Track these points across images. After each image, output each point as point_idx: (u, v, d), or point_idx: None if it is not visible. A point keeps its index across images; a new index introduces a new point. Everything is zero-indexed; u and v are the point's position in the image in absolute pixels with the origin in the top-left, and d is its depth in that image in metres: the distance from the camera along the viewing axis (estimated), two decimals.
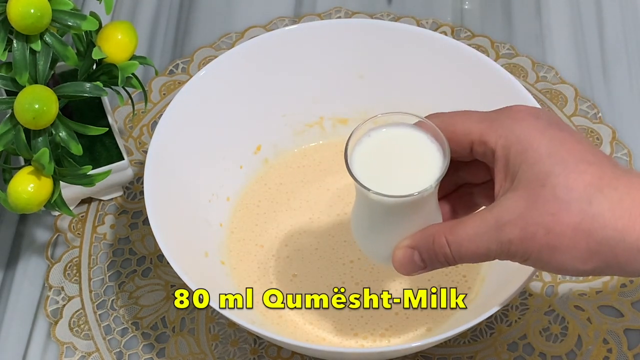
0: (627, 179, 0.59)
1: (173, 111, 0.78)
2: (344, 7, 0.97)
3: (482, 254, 0.61)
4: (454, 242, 0.62)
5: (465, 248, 0.61)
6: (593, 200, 0.58)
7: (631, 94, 0.91)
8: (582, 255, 0.59)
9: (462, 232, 0.62)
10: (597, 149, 0.61)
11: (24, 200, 0.73)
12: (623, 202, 0.59)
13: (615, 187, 0.59)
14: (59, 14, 0.72)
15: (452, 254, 0.62)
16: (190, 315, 0.78)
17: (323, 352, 0.71)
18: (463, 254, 0.62)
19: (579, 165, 0.59)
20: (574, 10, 0.97)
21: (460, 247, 0.62)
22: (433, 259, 0.63)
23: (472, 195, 0.68)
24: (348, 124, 0.85)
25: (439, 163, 0.63)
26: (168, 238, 0.71)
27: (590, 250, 0.59)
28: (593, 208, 0.58)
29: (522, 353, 0.76)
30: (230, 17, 0.98)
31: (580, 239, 0.59)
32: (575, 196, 0.59)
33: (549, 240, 0.59)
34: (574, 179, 0.59)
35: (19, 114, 0.71)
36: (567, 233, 0.59)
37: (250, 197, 0.83)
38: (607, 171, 0.60)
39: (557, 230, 0.59)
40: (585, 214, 0.58)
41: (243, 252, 0.80)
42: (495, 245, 0.61)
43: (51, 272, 0.81)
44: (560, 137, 0.61)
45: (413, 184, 0.63)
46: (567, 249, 0.59)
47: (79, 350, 0.77)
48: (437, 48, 0.81)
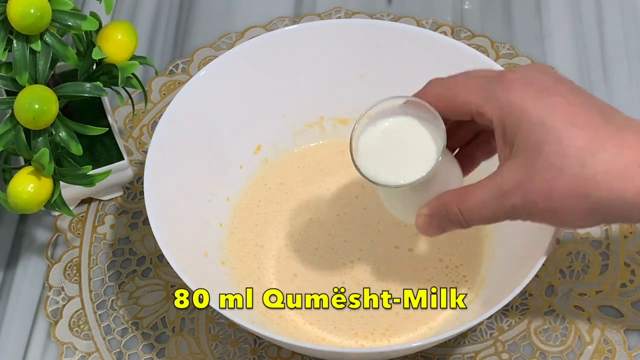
0: (620, 138, 0.62)
1: (173, 111, 0.78)
2: (344, 7, 0.97)
3: (490, 218, 0.66)
4: (465, 210, 0.66)
5: (476, 214, 0.66)
6: (586, 164, 0.61)
7: (631, 94, 0.91)
8: (582, 215, 0.63)
9: (471, 201, 0.66)
10: (590, 103, 0.64)
11: (24, 200, 0.73)
12: (616, 162, 0.61)
13: (608, 148, 0.61)
14: (59, 14, 0.72)
15: (465, 220, 0.67)
16: (190, 315, 0.78)
17: (323, 352, 0.71)
18: (474, 219, 0.66)
19: (570, 130, 0.62)
20: (574, 10, 0.97)
21: (471, 215, 0.66)
22: (448, 224, 0.68)
23: (491, 141, 0.70)
24: (348, 124, 0.85)
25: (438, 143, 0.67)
26: (168, 238, 0.71)
27: (588, 210, 0.62)
28: (586, 171, 0.61)
29: (522, 353, 0.76)
30: (230, 17, 0.98)
31: (577, 202, 0.62)
32: (568, 161, 0.62)
33: (549, 205, 0.63)
34: (566, 146, 0.62)
35: (19, 114, 0.71)
36: (565, 198, 0.62)
37: (250, 197, 0.83)
38: (599, 131, 0.62)
39: (555, 196, 0.62)
40: (579, 179, 0.62)
41: (243, 252, 0.80)
42: (501, 211, 0.65)
43: (51, 272, 0.81)
44: (551, 104, 0.63)
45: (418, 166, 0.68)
46: (567, 211, 0.63)
47: (79, 351, 0.77)
48: (437, 48, 0.81)
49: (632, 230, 0.81)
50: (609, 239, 0.81)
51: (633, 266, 0.80)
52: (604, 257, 0.80)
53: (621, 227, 0.81)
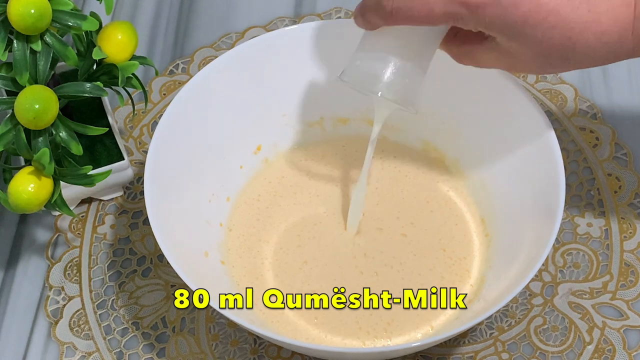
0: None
1: (173, 111, 0.78)
2: (344, 7, 0.98)
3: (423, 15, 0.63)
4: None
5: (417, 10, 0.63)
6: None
7: (631, 94, 0.91)
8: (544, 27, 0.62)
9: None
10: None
11: (24, 200, 0.73)
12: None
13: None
14: (59, 14, 0.72)
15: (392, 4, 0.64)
16: (190, 315, 0.78)
17: (323, 352, 0.71)
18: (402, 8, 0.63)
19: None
20: None
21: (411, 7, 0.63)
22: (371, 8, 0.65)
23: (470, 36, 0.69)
24: (348, 124, 0.85)
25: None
26: (168, 238, 0.72)
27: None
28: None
29: (522, 353, 0.76)
30: (230, 17, 0.98)
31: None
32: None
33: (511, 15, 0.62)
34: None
35: (19, 114, 0.71)
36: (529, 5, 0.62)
37: (250, 192, 0.83)
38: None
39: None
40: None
41: (243, 251, 0.80)
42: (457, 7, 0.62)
43: (51, 272, 0.81)
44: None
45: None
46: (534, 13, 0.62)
47: (79, 350, 0.77)
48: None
49: (632, 230, 0.82)
50: (609, 239, 0.81)
51: (633, 266, 0.80)
52: (603, 257, 0.80)
53: (621, 227, 0.82)
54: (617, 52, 0.65)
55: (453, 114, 0.82)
